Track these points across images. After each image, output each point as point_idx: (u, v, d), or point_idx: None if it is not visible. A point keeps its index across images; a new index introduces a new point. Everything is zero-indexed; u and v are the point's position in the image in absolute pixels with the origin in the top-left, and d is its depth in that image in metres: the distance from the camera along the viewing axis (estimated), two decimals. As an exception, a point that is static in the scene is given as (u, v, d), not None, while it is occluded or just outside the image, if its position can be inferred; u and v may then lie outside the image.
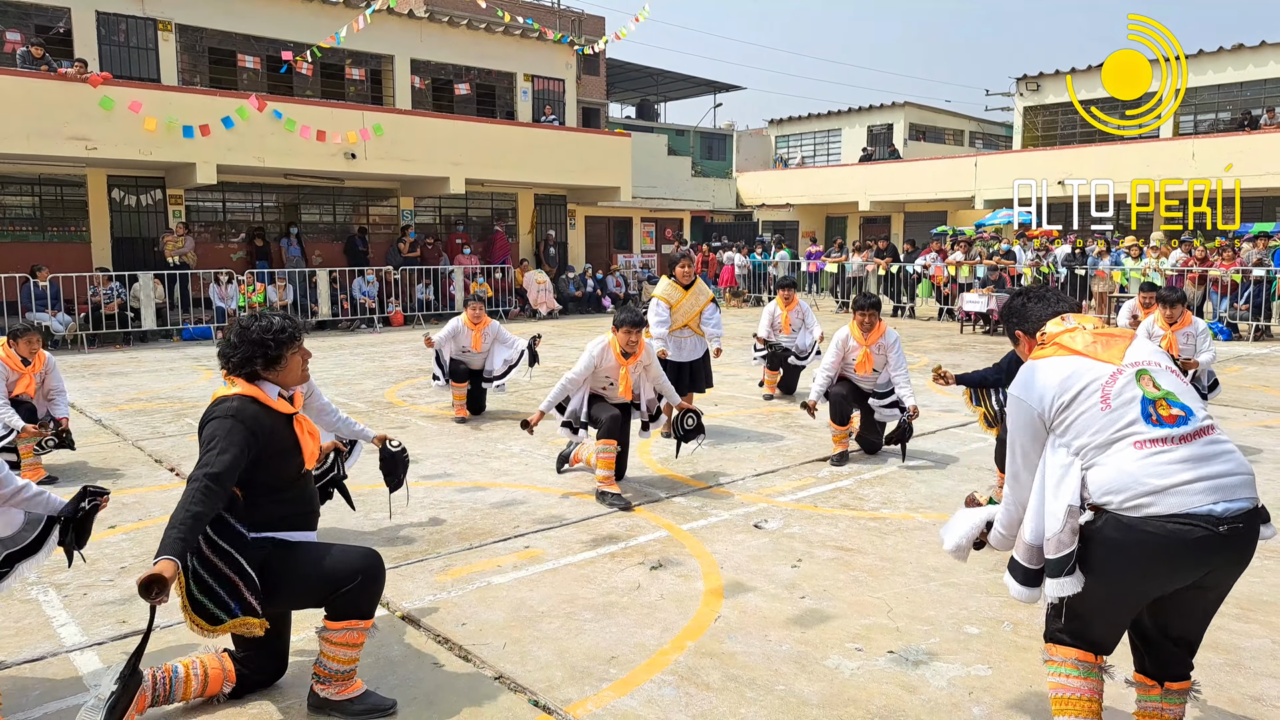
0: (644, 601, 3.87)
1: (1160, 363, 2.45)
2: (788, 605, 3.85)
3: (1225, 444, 2.35)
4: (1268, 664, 3.33)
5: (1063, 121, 25.70)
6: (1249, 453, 6.50)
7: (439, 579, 4.12)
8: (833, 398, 6.28)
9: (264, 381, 2.97)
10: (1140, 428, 2.32)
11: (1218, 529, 2.21)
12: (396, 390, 8.97)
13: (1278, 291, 13.61)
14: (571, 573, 4.21)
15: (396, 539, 4.67)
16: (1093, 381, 2.40)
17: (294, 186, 17.04)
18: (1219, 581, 2.38)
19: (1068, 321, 2.58)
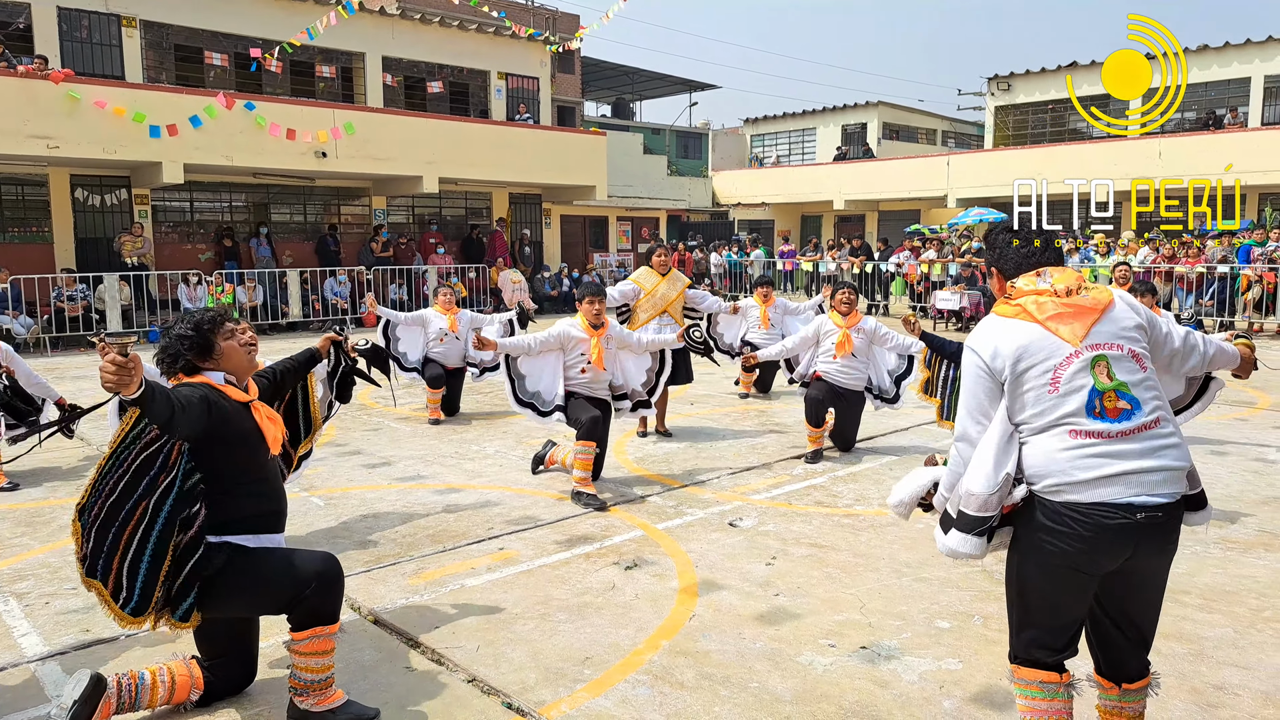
0: (619, 601, 3.87)
1: (1123, 345, 2.37)
2: (762, 603, 3.87)
3: (1168, 438, 2.33)
4: (1229, 653, 3.39)
5: (1033, 121, 26.03)
6: (1216, 445, 6.62)
7: (412, 582, 4.09)
8: (808, 400, 6.32)
9: (207, 372, 2.95)
10: (1080, 419, 2.31)
11: (1135, 517, 2.26)
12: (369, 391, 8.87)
13: (1241, 287, 13.87)
14: (546, 574, 4.20)
15: (368, 542, 4.63)
16: (1046, 360, 2.35)
17: (263, 186, 16.84)
18: (1147, 567, 2.40)
19: (1042, 280, 2.46)
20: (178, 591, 2.80)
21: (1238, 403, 8.31)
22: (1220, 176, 13.62)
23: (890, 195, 25.96)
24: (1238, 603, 3.85)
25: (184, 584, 2.79)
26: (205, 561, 2.82)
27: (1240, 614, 3.73)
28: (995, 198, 23.80)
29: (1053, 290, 2.42)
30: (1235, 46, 22.08)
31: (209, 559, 2.82)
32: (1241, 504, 5.26)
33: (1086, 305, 2.39)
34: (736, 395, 8.95)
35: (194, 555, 2.80)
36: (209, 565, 2.81)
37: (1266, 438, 6.90)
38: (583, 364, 5.51)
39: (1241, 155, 18.12)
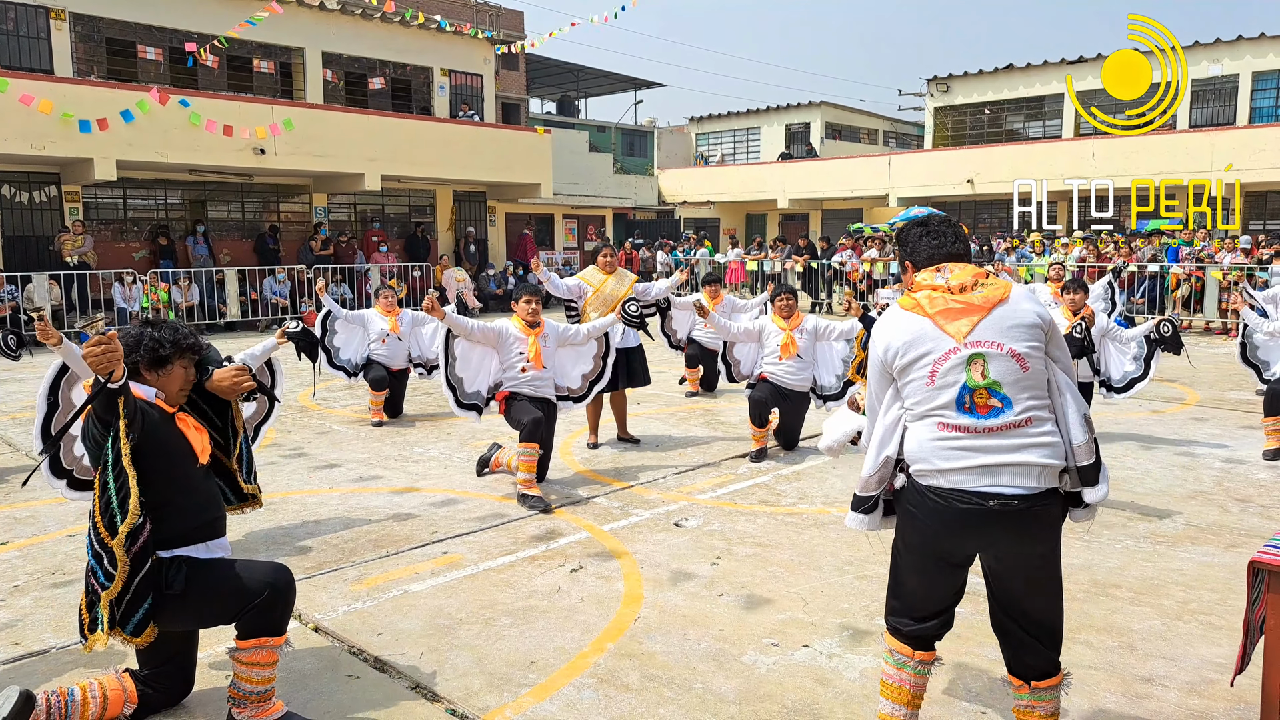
0: (564, 605, 3.86)
1: (1003, 345, 2.40)
2: (707, 603, 3.89)
3: (1039, 437, 2.39)
4: (1157, 645, 3.51)
5: (971, 122, 26.64)
6: (1144, 440, 6.85)
7: (354, 588, 4.02)
8: (752, 401, 6.37)
9: (142, 382, 2.88)
10: (949, 412, 2.41)
11: (987, 504, 2.35)
12: (309, 393, 8.71)
13: (1171, 285, 14.38)
14: (491, 578, 4.16)
15: (309, 548, 4.54)
16: (928, 354, 2.43)
17: (200, 183, 16.37)
18: (1022, 559, 2.45)
19: (940, 275, 2.52)
20: (128, 606, 2.71)
21: (1167, 399, 8.62)
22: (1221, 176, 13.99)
23: (833, 194, 26.34)
24: (1165, 595, 3.98)
25: (134, 598, 2.71)
26: (160, 578, 2.76)
27: (1168, 606, 3.86)
28: (935, 197, 24.33)
29: (946, 286, 2.48)
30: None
31: (167, 577, 2.77)
32: (1170, 499, 5.44)
33: (975, 303, 2.45)
34: (683, 394, 8.99)
35: (142, 568, 2.72)
36: (170, 583, 2.76)
37: (1194, 432, 7.17)
38: (522, 363, 5.49)
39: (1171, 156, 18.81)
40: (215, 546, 2.93)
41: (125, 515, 2.66)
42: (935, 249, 2.58)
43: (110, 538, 2.66)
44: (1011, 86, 25.55)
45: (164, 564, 2.78)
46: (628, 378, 6.92)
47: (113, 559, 2.66)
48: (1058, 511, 2.47)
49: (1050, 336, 2.51)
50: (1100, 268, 14.73)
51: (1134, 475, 5.96)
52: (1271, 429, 6.42)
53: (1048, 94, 25.09)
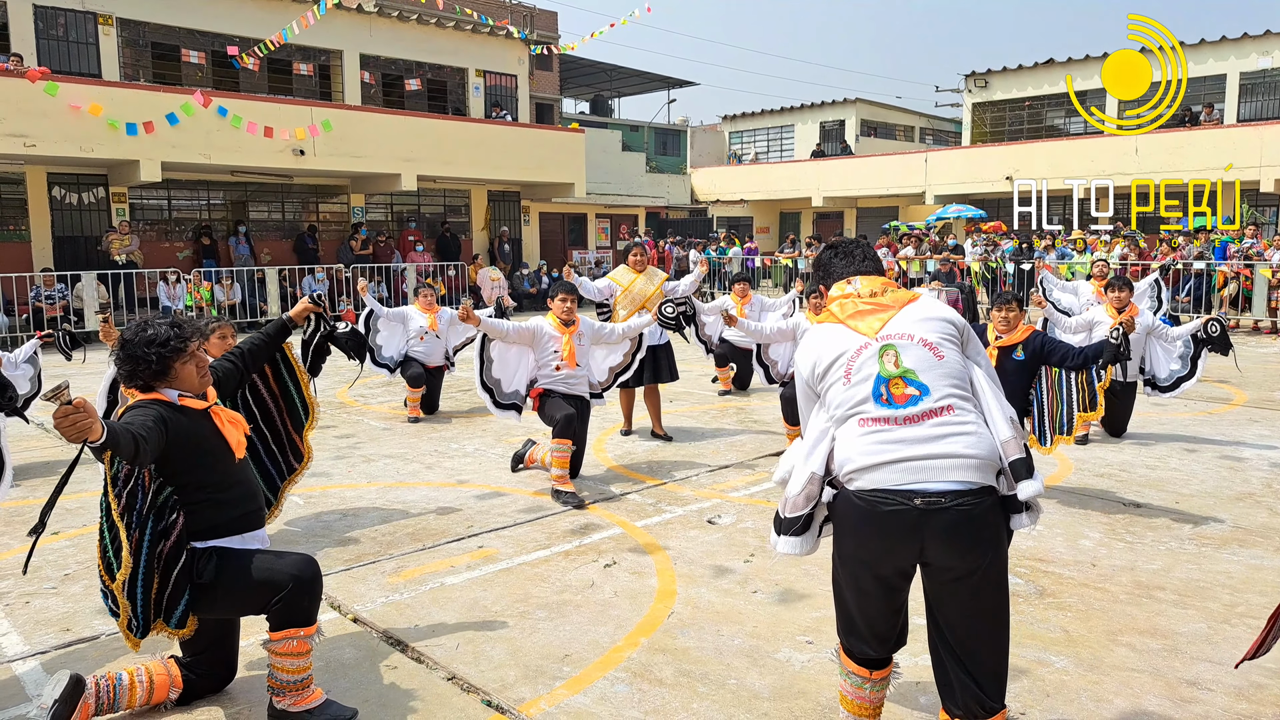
0: (598, 599, 3.87)
1: (914, 335, 2.38)
2: (740, 600, 3.89)
3: (961, 425, 2.30)
4: (1203, 648, 3.43)
5: (1010, 118, 26.23)
6: (1190, 441, 6.70)
7: (391, 580, 4.08)
8: (785, 399, 6.34)
9: (162, 389, 2.89)
10: (868, 406, 2.35)
11: (913, 503, 2.23)
12: (348, 389, 8.84)
13: (1218, 284, 14.04)
14: (526, 572, 4.19)
15: (348, 540, 4.61)
16: (842, 354, 2.41)
17: (241, 184, 16.69)
18: (956, 570, 2.28)
19: (851, 285, 2.55)
20: (169, 600, 2.80)
21: (1214, 399, 8.42)
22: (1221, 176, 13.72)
23: (868, 192, 26.09)
24: (1211, 598, 3.89)
25: (173, 592, 2.79)
26: (193, 569, 2.82)
27: (1214, 609, 3.77)
28: (973, 194, 23.99)
29: (857, 293, 2.52)
30: (1211, 44, 22.32)
31: (198, 567, 2.82)
32: (1216, 500, 5.32)
33: (885, 304, 2.47)
34: (715, 393, 8.97)
35: (177, 563, 2.79)
36: (200, 573, 2.81)
37: (1241, 434, 6.99)
38: (556, 361, 5.51)
39: (1218, 152, 18.35)
40: (251, 539, 2.98)
41: (119, 565, 2.70)
42: (845, 268, 2.62)
43: (110, 581, 2.73)
44: (1052, 82, 25.06)
45: (197, 554, 2.83)
46: (654, 373, 6.94)
47: (114, 599, 2.74)
48: (995, 517, 2.31)
49: (966, 339, 2.48)
50: (1143, 265, 14.42)
51: (1179, 476, 5.83)
52: (1323, 430, 6.25)
53: (1090, 89, 24.62)
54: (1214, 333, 6.56)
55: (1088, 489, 5.59)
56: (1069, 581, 4.06)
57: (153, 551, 2.76)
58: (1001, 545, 2.35)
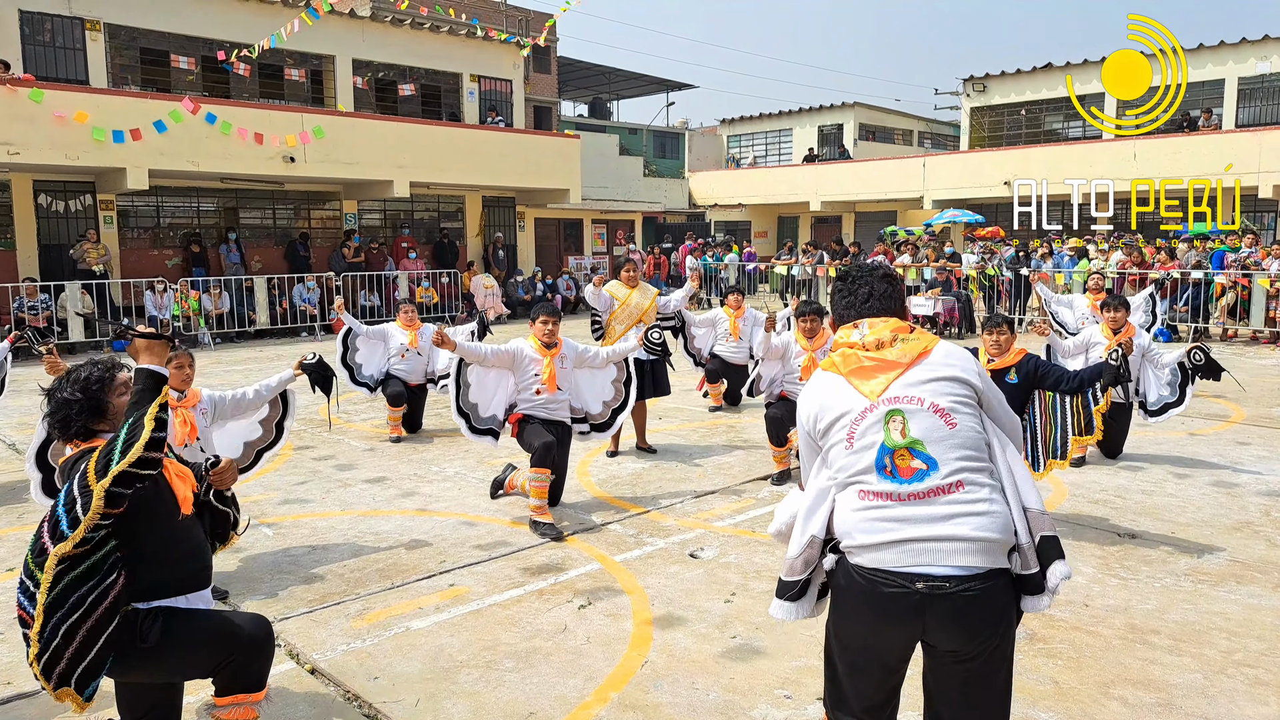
0: (569, 646, 3.72)
1: (924, 399, 2.19)
2: (718, 646, 3.74)
3: (971, 504, 2.12)
4: (1199, 702, 3.28)
5: (1009, 122, 26.08)
6: (1187, 464, 6.55)
7: (355, 625, 3.93)
8: (769, 420, 6.19)
9: (103, 434, 2.71)
10: (869, 478, 2.17)
11: (913, 586, 2.08)
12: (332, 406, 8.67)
13: (1215, 293, 13.89)
14: (496, 614, 4.04)
15: (314, 578, 4.45)
16: (844, 415, 2.23)
17: (232, 190, 16.53)
18: (949, 653, 2.16)
19: (856, 332, 2.35)
20: (85, 670, 2.57)
21: (1210, 416, 8.27)
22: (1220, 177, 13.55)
23: (866, 196, 25.95)
24: (1208, 644, 3.74)
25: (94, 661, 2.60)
26: (136, 632, 2.64)
27: (1210, 657, 3.63)
28: (971, 199, 23.85)
29: (862, 344, 2.31)
30: (1209, 48, 22.19)
31: (142, 630, 2.65)
32: (1213, 530, 5.17)
33: (890, 360, 2.26)
34: (706, 409, 8.82)
35: (108, 628, 2.61)
36: (144, 636, 2.64)
37: (1239, 455, 6.84)
38: (537, 385, 5.36)
39: (1216, 157, 18.20)
40: (196, 599, 2.82)
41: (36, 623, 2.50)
42: (849, 305, 2.42)
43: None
44: (1050, 86, 24.93)
45: (140, 616, 2.67)
46: (651, 388, 6.84)
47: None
48: (1004, 600, 2.15)
49: (983, 398, 2.27)
50: (1142, 274, 14.27)
51: (1175, 503, 5.68)
52: (1323, 454, 6.11)
53: (1088, 93, 24.46)
54: (1198, 361, 6.41)
55: (1083, 517, 5.44)
56: (1061, 624, 3.91)
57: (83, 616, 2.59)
58: (1009, 628, 2.19)
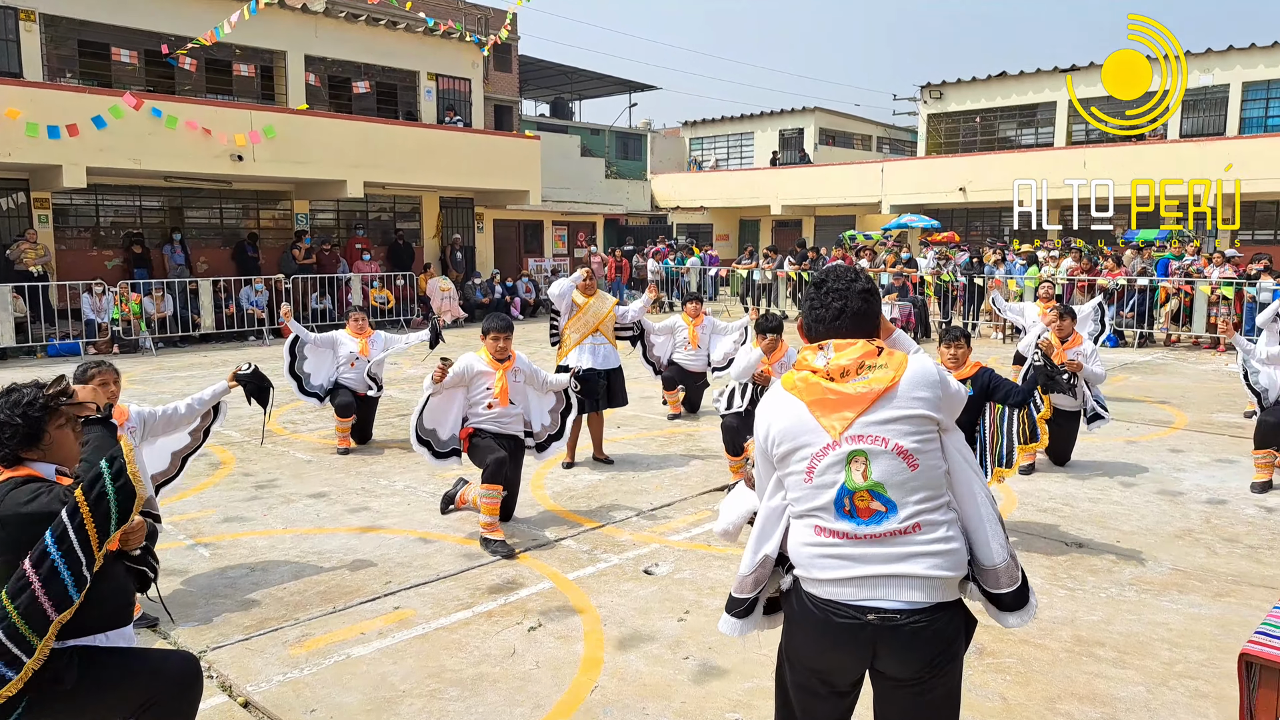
0: (517, 672, 3.63)
1: (888, 440, 2.13)
2: (670, 668, 3.68)
3: (927, 545, 2.12)
4: (1141, 716, 3.32)
5: (964, 129, 26.49)
6: (1129, 471, 6.65)
7: (293, 652, 3.79)
8: (725, 429, 6.16)
9: (31, 463, 2.56)
10: (827, 516, 2.15)
11: (865, 618, 2.10)
12: (278, 415, 8.46)
13: (1161, 299, 14.22)
14: (442, 638, 3.93)
15: (251, 602, 4.30)
16: (806, 447, 2.17)
17: (177, 189, 16.06)
18: (899, 676, 2.17)
19: (820, 355, 2.24)
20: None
21: (1155, 421, 8.42)
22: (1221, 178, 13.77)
23: (826, 201, 26.17)
24: (1151, 655, 3.79)
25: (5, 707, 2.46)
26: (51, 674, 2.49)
27: (1153, 669, 3.67)
28: (928, 204, 24.19)
29: (826, 370, 2.20)
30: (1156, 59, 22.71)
31: (57, 670, 2.50)
32: (1156, 538, 5.25)
33: (853, 396, 2.15)
34: (664, 417, 8.77)
35: None
36: (61, 678, 2.49)
37: (1180, 461, 6.97)
38: (488, 399, 5.25)
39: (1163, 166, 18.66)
40: (117, 636, 2.67)
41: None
42: (819, 320, 2.29)
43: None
44: (1005, 94, 25.40)
45: (56, 656, 2.53)
46: (608, 398, 6.79)
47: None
48: (953, 630, 2.16)
49: (947, 425, 2.22)
50: (1090, 281, 14.56)
51: (1120, 511, 5.77)
52: (1261, 461, 6.25)
53: (1040, 101, 24.97)
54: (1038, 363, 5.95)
55: (1032, 525, 5.50)
56: (1009, 638, 3.92)
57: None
58: (957, 656, 2.21)
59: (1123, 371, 11.40)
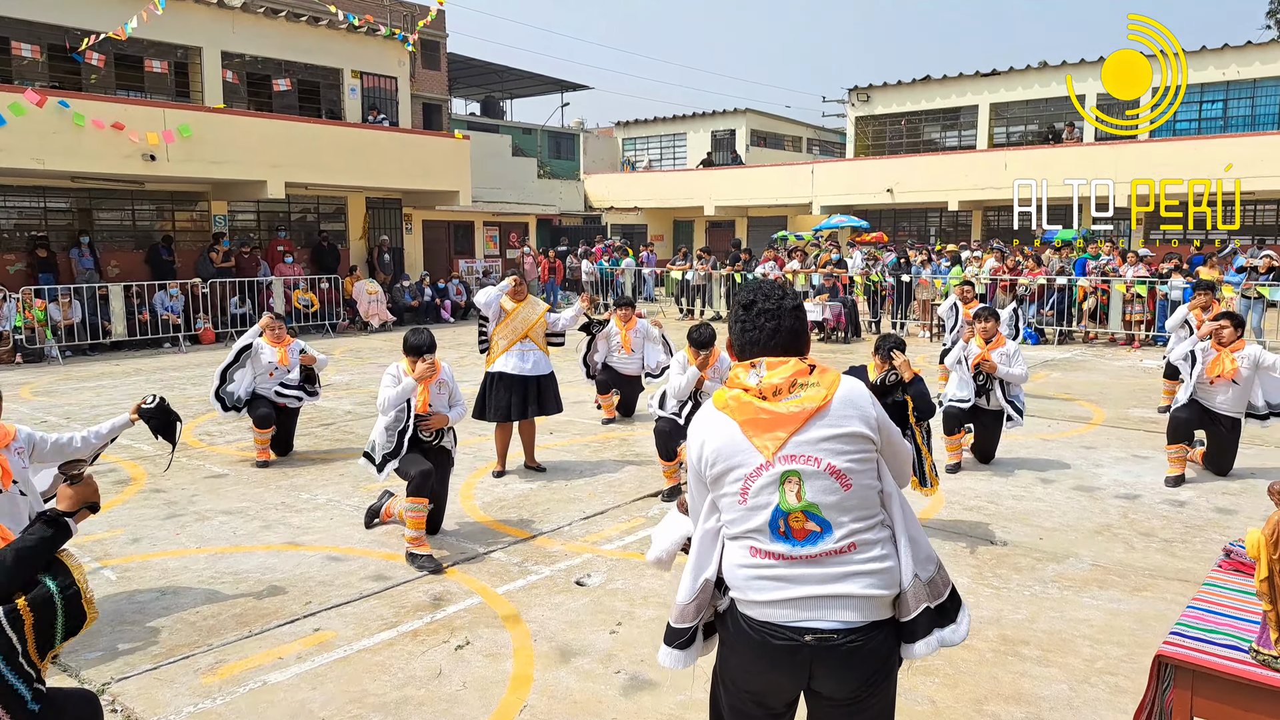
0: (443, 694, 3.51)
1: (821, 460, 2.12)
2: (601, 684, 3.60)
3: (864, 564, 2.12)
4: (1065, 714, 3.37)
5: (890, 131, 27.06)
6: (1048, 468, 6.82)
7: (205, 681, 3.60)
8: (657, 434, 6.11)
9: None
10: (762, 538, 2.13)
11: (802, 639, 2.09)
12: (194, 427, 8.11)
13: (1079, 297, 14.72)
14: (365, 660, 3.78)
15: (160, 629, 4.08)
16: (739, 468, 2.14)
17: (85, 190, 15.32)
18: (834, 696, 2.17)
19: (752, 373, 2.21)
20: None
21: (1074, 418, 8.68)
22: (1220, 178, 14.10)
23: (759, 201, 26.43)
24: (1072, 652, 3.86)
25: None
26: None
27: (1075, 666, 3.74)
28: (856, 205, 24.64)
29: (758, 389, 2.17)
30: (1071, 65, 23.60)
31: None
32: (1077, 534, 5.38)
33: (785, 415, 2.13)
34: (599, 422, 8.69)
35: None
36: None
37: (1099, 457, 7.18)
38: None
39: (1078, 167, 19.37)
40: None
41: None
42: (752, 341, 2.26)
43: None
44: (929, 98, 26.03)
45: None
46: (539, 405, 6.68)
47: None
48: (888, 648, 2.16)
49: (880, 442, 2.20)
50: (1012, 280, 14.98)
51: (1042, 508, 5.90)
52: (1174, 456, 6.47)
53: (963, 105, 25.66)
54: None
55: (959, 524, 5.58)
56: (938, 641, 3.94)
57: None
58: (892, 673, 2.21)
59: (1044, 369, 11.74)
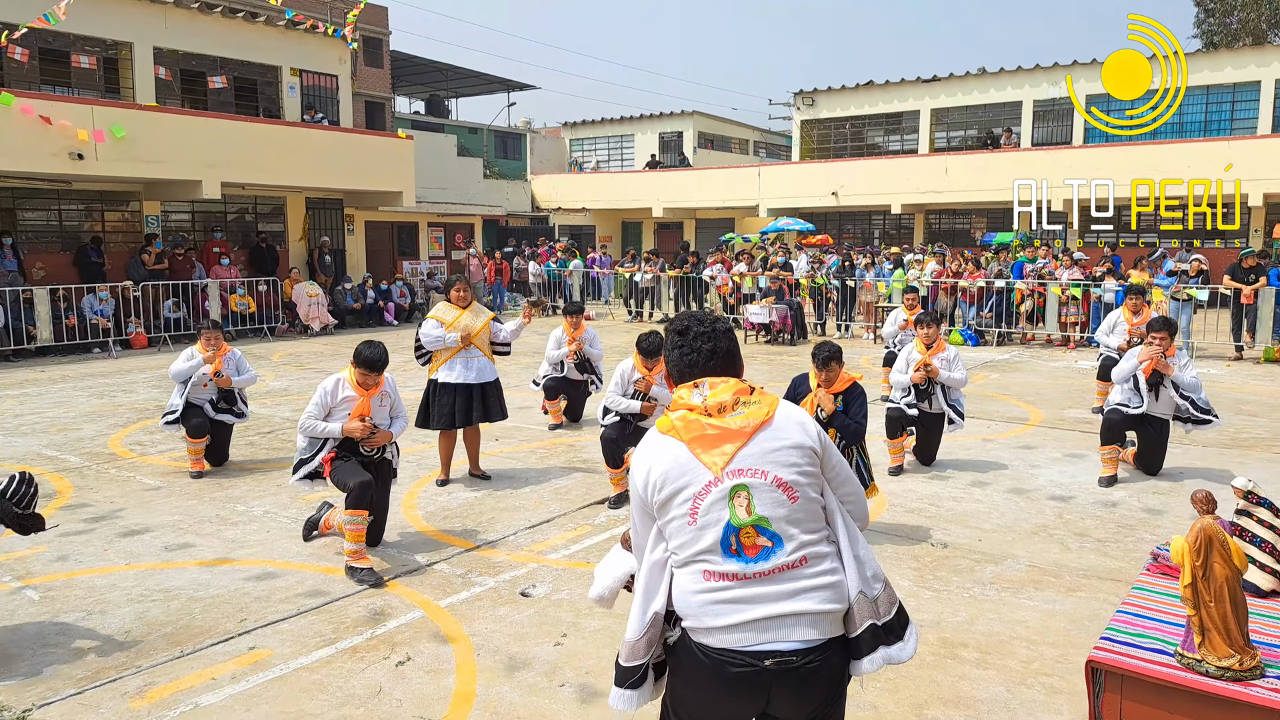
0: (383, 712, 3.43)
1: (768, 472, 2.13)
2: (546, 697, 3.56)
3: (817, 577, 2.13)
4: (1002, 717, 3.43)
5: (835, 135, 27.45)
6: (986, 469, 6.96)
7: (133, 705, 3.46)
8: (604, 440, 6.09)
9: None
10: (714, 557, 2.11)
11: (762, 664, 2.08)
12: (124, 436, 7.83)
13: (1017, 300, 15.09)
14: (302, 679, 3.68)
15: (85, 650, 3.91)
16: (687, 488, 2.13)
17: (8, 189, 14.70)
18: (793, 717, 2.16)
19: (696, 393, 2.23)
20: None
21: (1012, 419, 8.88)
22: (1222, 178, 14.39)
23: (706, 204, 26.58)
24: (1009, 654, 3.93)
25: None
26: None
27: (1012, 668, 3.81)
28: (802, 208, 24.94)
29: (704, 407, 2.20)
30: (1009, 72, 24.26)
31: None
32: (1014, 535, 5.50)
33: (733, 429, 2.16)
34: (545, 427, 8.62)
35: None
36: None
37: (1035, 458, 7.35)
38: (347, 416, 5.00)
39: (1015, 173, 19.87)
40: None
41: None
42: (691, 364, 2.29)
43: None
44: (872, 102, 26.48)
45: None
46: (484, 412, 6.60)
47: None
48: (843, 666, 2.18)
49: (823, 456, 2.23)
50: (953, 283, 15.31)
51: (981, 509, 6.02)
52: (1107, 457, 6.66)
53: (905, 110, 26.16)
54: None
55: (901, 527, 5.66)
56: (881, 645, 3.99)
57: None
58: (844, 691, 2.24)
59: (983, 370, 12.00)
